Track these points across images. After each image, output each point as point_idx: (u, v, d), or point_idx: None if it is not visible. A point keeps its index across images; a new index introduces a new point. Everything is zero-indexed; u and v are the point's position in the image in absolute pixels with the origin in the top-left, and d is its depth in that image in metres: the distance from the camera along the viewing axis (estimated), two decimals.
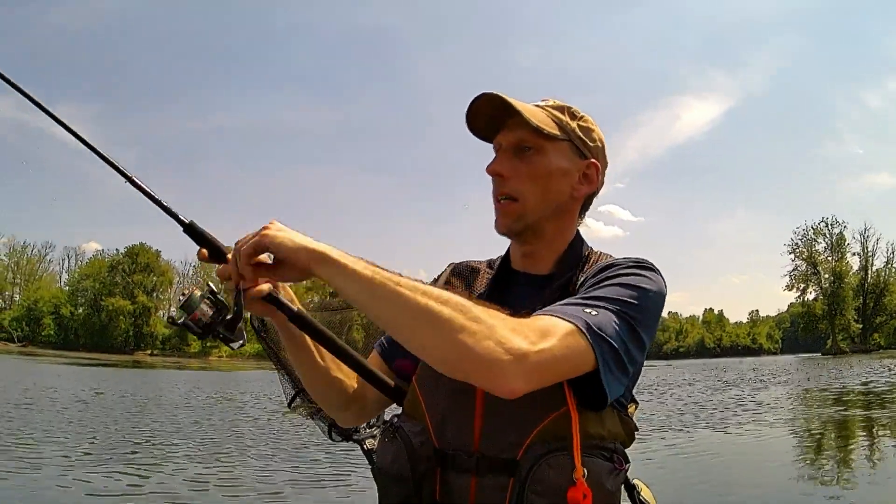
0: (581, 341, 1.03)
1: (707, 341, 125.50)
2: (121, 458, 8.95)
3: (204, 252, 1.19)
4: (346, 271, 1.04)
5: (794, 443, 10.65)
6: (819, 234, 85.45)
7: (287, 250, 1.07)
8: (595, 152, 1.36)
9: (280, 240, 1.08)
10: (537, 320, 1.05)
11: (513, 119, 1.28)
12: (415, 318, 1.00)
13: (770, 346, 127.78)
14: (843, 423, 12.97)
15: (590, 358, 1.04)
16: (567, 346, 1.02)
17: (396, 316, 1.02)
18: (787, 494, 7.04)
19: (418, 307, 0.99)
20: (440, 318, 0.98)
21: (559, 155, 1.31)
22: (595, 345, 1.04)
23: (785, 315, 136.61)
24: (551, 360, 1.00)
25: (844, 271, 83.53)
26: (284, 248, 1.08)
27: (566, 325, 1.03)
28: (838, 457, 9.34)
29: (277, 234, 1.09)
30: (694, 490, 7.30)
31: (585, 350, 1.04)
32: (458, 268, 1.47)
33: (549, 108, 1.33)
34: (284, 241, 1.08)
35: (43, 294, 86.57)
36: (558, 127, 1.31)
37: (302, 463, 8.99)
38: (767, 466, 8.49)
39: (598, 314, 1.08)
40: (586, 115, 1.38)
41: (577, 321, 1.04)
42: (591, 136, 1.36)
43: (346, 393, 1.38)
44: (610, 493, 1.15)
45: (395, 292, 1.01)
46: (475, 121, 1.33)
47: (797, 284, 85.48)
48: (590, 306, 1.09)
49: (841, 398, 17.76)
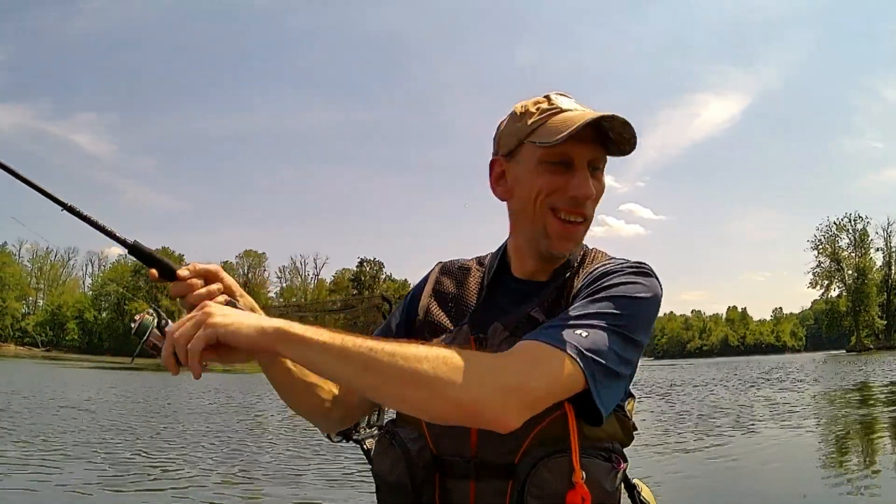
0: (570, 367, 1.01)
1: (731, 339, 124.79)
2: (144, 461, 9.00)
3: (154, 272, 1.18)
4: (315, 345, 0.99)
5: (820, 444, 10.47)
6: (842, 230, 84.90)
7: (243, 339, 1.00)
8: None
9: (232, 329, 1.00)
10: (526, 350, 1.03)
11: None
12: (401, 384, 0.97)
13: (794, 344, 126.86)
14: (871, 423, 12.76)
15: (580, 381, 1.03)
16: (556, 374, 1.00)
17: (380, 385, 0.98)
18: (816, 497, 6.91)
19: (400, 371, 0.96)
20: (424, 377, 0.95)
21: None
22: (586, 369, 1.02)
23: (808, 312, 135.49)
24: (541, 391, 0.99)
25: (868, 267, 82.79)
26: (240, 337, 1.00)
27: (554, 353, 1.01)
28: (866, 459, 9.17)
29: (224, 321, 1.01)
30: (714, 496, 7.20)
31: (575, 374, 1.02)
32: (446, 266, 1.43)
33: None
34: (237, 329, 1.00)
35: (66, 299, 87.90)
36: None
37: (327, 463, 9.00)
38: (799, 468, 8.35)
39: (588, 335, 1.05)
40: None
41: (566, 347, 1.02)
42: None
43: (326, 399, 1.31)
44: (609, 493, 1.13)
45: (371, 360, 0.97)
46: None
47: (821, 281, 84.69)
48: (581, 326, 1.06)
49: (872, 397, 17.49)
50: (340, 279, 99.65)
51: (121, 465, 8.61)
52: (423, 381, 0.96)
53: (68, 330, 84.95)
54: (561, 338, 1.03)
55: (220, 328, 1.00)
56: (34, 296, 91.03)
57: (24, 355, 68.88)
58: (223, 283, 1.24)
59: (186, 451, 9.88)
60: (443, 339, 1.24)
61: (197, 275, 1.22)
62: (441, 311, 1.34)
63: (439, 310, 1.35)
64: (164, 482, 7.68)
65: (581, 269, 1.26)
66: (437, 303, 1.36)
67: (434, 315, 1.34)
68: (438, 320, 1.33)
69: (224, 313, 1.02)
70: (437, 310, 1.35)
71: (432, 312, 1.35)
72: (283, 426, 13.40)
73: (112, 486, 7.31)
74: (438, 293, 1.38)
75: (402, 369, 0.96)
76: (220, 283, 1.24)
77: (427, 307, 1.36)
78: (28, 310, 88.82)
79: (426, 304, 1.37)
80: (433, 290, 1.39)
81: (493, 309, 1.28)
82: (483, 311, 1.28)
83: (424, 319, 1.35)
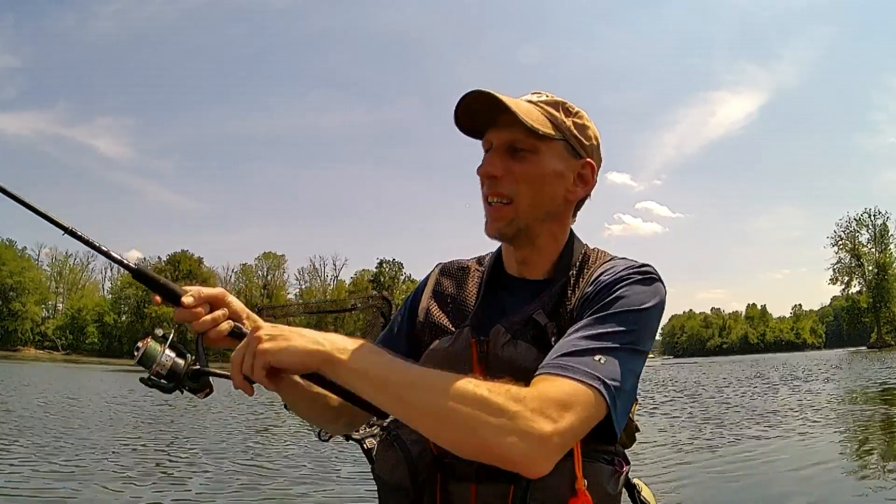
0: (600, 401, 1.02)
1: (751, 337, 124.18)
2: (162, 464, 9.03)
3: (157, 298, 1.19)
4: (357, 373, 1.02)
5: (841, 445, 10.30)
6: (862, 226, 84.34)
7: (292, 364, 1.04)
8: (590, 151, 1.30)
9: (282, 356, 1.04)
10: (555, 388, 1.01)
11: (504, 117, 1.21)
12: (437, 421, 0.97)
13: (814, 341, 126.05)
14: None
15: (604, 411, 1.04)
16: (587, 413, 1.01)
17: (414, 418, 1.00)
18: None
19: (439, 408, 0.96)
20: (461, 417, 0.95)
21: (553, 156, 1.24)
22: (610, 399, 1.03)
23: (828, 309, 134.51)
24: (573, 432, 0.99)
25: (888, 262, 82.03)
26: (289, 363, 1.04)
27: (584, 391, 1.01)
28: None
29: (275, 347, 1.05)
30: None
31: (601, 407, 1.03)
32: (446, 267, 1.43)
33: (543, 105, 1.25)
34: (287, 355, 1.04)
35: (86, 303, 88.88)
36: (553, 125, 1.24)
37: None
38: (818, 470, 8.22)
39: (606, 361, 1.05)
40: (581, 110, 1.30)
41: (593, 381, 1.02)
42: (587, 133, 1.28)
43: (332, 406, 1.29)
44: (611, 496, 1.14)
45: (408, 393, 0.99)
46: (465, 118, 1.24)
47: (841, 277, 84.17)
48: (597, 350, 1.06)
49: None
50: (360, 280, 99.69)
51: (142, 466, 8.64)
52: (458, 421, 0.95)
53: (88, 333, 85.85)
54: (584, 371, 1.03)
55: (270, 353, 1.04)
56: (54, 300, 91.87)
57: (44, 358, 69.82)
58: (229, 308, 1.24)
59: (196, 455, 9.89)
60: (443, 340, 1.26)
61: (201, 301, 1.21)
62: (441, 312, 1.34)
63: (439, 311, 1.34)
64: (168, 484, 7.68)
65: (584, 270, 1.26)
66: (437, 304, 1.36)
67: (434, 316, 1.34)
68: (439, 321, 1.32)
69: (270, 336, 1.05)
70: (437, 311, 1.35)
71: (432, 314, 1.34)
72: (286, 426, 13.41)
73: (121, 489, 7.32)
74: (438, 294, 1.38)
75: (437, 406, 0.96)
76: (226, 307, 1.23)
77: (427, 308, 1.36)
78: (48, 314, 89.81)
79: (426, 305, 1.37)
80: (433, 292, 1.39)
81: (493, 309, 1.27)
82: (483, 311, 1.28)
83: (425, 321, 1.35)
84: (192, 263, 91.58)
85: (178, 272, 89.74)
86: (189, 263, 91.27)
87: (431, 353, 1.27)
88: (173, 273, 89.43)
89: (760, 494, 6.88)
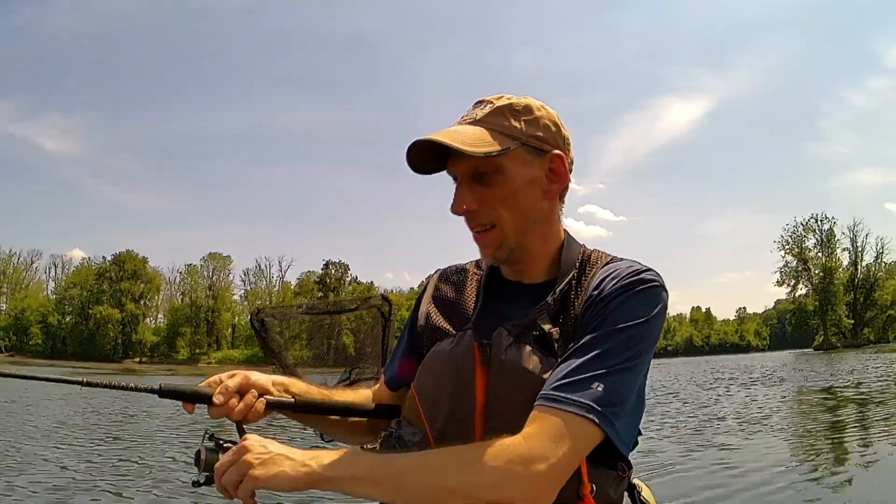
0: (594, 431, 1.06)
1: (695, 339, 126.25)
2: (113, 469, 8.62)
3: (189, 406, 1.22)
4: (347, 481, 1.06)
5: (795, 448, 10.39)
6: (809, 231, 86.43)
7: (281, 489, 1.06)
8: (552, 140, 1.26)
9: (271, 483, 1.06)
10: (547, 425, 1.05)
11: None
12: (438, 497, 1.03)
13: (758, 343, 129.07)
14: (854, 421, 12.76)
15: (599, 437, 1.07)
16: (582, 444, 1.06)
17: (421, 501, 1.06)
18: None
19: (429, 487, 1.03)
20: (454, 487, 1.02)
21: (518, 165, 1.22)
22: (606, 426, 1.06)
23: (772, 312, 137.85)
24: (569, 463, 1.05)
25: (835, 267, 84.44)
26: (278, 489, 1.06)
27: (578, 423, 1.05)
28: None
29: (265, 475, 1.06)
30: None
31: (597, 435, 1.07)
32: (445, 273, 1.44)
33: (490, 119, 1.22)
34: (277, 482, 1.06)
35: (30, 303, 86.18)
36: (506, 136, 1.21)
37: None
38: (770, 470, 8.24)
39: (605, 387, 1.07)
40: (527, 100, 1.26)
41: (588, 413, 1.05)
42: (541, 125, 1.25)
43: (366, 428, 1.44)
44: (615, 501, 1.18)
45: (399, 482, 1.04)
46: (419, 164, 1.24)
47: (788, 280, 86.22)
48: (595, 378, 1.08)
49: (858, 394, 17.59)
50: (306, 282, 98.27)
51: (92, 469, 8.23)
52: (454, 490, 1.02)
53: (32, 335, 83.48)
54: (579, 403, 1.05)
55: (260, 479, 1.06)
56: None
57: None
58: (255, 386, 1.27)
59: (156, 456, 9.50)
60: (445, 343, 1.26)
61: (230, 395, 1.23)
62: (441, 316, 1.35)
63: (439, 315, 1.35)
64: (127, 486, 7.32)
65: (585, 273, 1.26)
66: (437, 308, 1.37)
67: (434, 320, 1.34)
68: (439, 325, 1.33)
69: (262, 459, 1.07)
70: (437, 315, 1.35)
71: (433, 318, 1.35)
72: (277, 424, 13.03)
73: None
74: (438, 298, 1.39)
75: (430, 485, 1.03)
76: (252, 387, 1.26)
77: (427, 313, 1.37)
78: None
79: (426, 310, 1.38)
80: (433, 297, 1.40)
81: (492, 312, 1.28)
82: (483, 315, 1.29)
83: (426, 325, 1.35)
84: (137, 263, 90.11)
85: (123, 272, 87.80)
86: (134, 263, 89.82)
87: (434, 355, 1.27)
88: (118, 273, 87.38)
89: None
